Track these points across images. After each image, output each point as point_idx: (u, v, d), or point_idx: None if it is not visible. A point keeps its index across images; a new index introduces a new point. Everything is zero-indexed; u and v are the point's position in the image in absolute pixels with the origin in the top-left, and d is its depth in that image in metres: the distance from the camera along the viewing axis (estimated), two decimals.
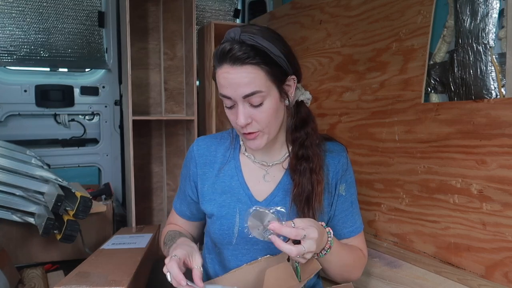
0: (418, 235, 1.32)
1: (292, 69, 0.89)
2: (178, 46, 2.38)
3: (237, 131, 0.91)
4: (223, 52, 0.82)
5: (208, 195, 0.99)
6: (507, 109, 1.07)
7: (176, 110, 2.40)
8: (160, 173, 2.44)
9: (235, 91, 0.82)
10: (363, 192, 1.53)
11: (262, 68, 0.82)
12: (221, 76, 0.83)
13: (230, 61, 0.81)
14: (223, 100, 0.87)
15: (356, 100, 1.63)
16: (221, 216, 0.96)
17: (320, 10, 1.88)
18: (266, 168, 0.98)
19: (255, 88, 0.82)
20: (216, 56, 0.84)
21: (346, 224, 0.99)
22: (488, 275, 1.11)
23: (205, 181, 1.00)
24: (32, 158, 1.77)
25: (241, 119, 0.84)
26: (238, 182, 0.97)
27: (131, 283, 1.14)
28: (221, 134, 1.06)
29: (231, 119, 0.89)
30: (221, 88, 0.84)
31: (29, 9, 2.24)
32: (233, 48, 0.80)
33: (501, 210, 1.08)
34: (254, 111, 0.84)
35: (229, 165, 0.99)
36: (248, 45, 0.81)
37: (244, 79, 0.81)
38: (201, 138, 1.05)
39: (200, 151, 1.01)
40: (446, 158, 1.23)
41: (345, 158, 0.99)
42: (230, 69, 0.81)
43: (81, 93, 2.38)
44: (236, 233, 0.94)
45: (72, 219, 1.62)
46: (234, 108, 0.86)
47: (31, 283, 1.59)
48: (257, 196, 0.96)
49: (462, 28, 1.23)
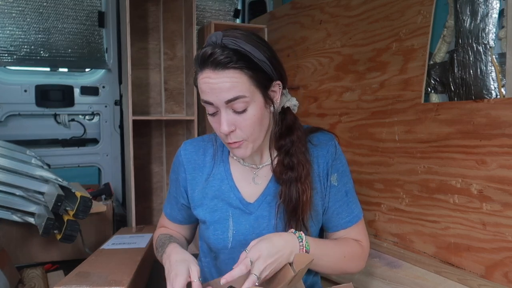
0: (418, 235, 1.32)
1: (277, 75, 0.86)
2: (178, 46, 2.38)
3: (222, 140, 0.88)
4: (204, 56, 0.79)
5: (198, 200, 0.97)
6: (507, 109, 1.07)
7: (176, 110, 2.40)
8: (160, 173, 2.44)
9: (217, 96, 0.79)
10: (363, 192, 1.53)
11: (245, 73, 0.79)
12: (202, 81, 0.80)
13: (211, 65, 0.78)
14: (205, 107, 0.84)
15: (356, 100, 1.63)
16: (214, 222, 0.94)
17: (320, 10, 1.88)
18: (255, 171, 0.96)
19: (238, 93, 0.79)
20: (197, 61, 0.82)
21: (341, 214, 0.96)
22: (488, 275, 1.11)
23: (195, 187, 0.97)
24: (32, 158, 1.77)
25: (224, 127, 0.81)
26: (228, 186, 0.95)
27: (131, 283, 1.14)
28: (209, 136, 1.03)
29: (214, 127, 0.86)
30: (203, 94, 0.82)
31: (29, 9, 2.24)
32: (214, 53, 0.78)
33: (501, 210, 1.08)
34: (237, 117, 0.81)
35: (218, 168, 0.97)
36: (230, 49, 0.78)
37: (226, 83, 0.78)
38: (188, 142, 1.02)
39: (188, 155, 0.98)
40: (446, 158, 1.23)
41: (333, 147, 0.95)
42: (212, 73, 0.78)
43: (81, 93, 2.38)
44: (231, 237, 0.93)
45: (72, 219, 1.62)
46: (217, 115, 0.83)
47: (31, 283, 1.59)
48: (248, 198, 0.94)
49: (462, 28, 1.23)
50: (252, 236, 0.90)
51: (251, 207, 0.93)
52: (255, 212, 0.93)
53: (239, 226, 0.93)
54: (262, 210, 0.93)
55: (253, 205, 0.93)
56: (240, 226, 0.93)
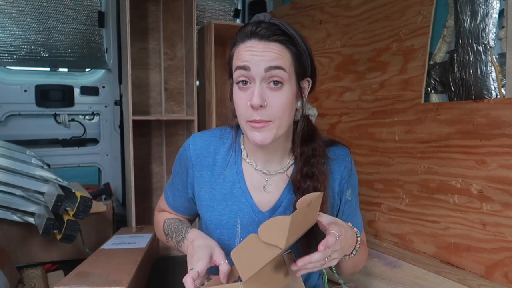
0: (418, 235, 1.32)
1: (310, 70, 0.85)
2: (178, 46, 2.38)
3: (243, 122, 0.81)
4: (251, 29, 0.77)
5: (204, 200, 0.92)
6: (507, 109, 1.07)
7: (176, 110, 2.40)
8: (160, 173, 2.44)
9: (257, 64, 0.76)
10: (363, 192, 1.53)
11: (289, 50, 0.78)
12: (243, 50, 0.78)
13: (257, 36, 0.77)
14: (235, 81, 0.80)
15: (356, 100, 1.63)
16: (220, 226, 0.90)
17: (320, 10, 1.88)
18: (267, 178, 0.91)
19: (280, 64, 0.77)
20: (240, 34, 0.79)
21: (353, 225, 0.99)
22: (488, 275, 1.11)
23: (202, 185, 0.92)
24: (32, 158, 1.77)
25: (256, 99, 0.75)
26: (240, 190, 0.90)
27: (131, 283, 1.14)
28: (221, 131, 0.96)
29: (240, 104, 0.80)
30: (241, 60, 0.77)
31: (29, 9, 2.24)
32: (261, 27, 0.77)
33: (501, 210, 1.08)
34: (270, 94, 0.77)
35: (231, 170, 0.91)
36: (278, 26, 0.78)
37: (271, 52, 0.76)
38: (197, 135, 0.95)
39: (197, 151, 0.92)
40: (446, 158, 1.23)
41: (349, 163, 0.95)
42: (257, 43, 0.77)
43: (81, 93, 2.38)
44: (238, 244, 0.89)
45: (72, 219, 1.62)
46: (248, 89, 0.78)
47: (31, 283, 1.59)
48: (260, 207, 0.90)
49: (462, 28, 1.23)
50: None
51: (262, 216, 0.89)
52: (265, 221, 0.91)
53: (247, 234, 0.89)
54: None
55: (264, 215, 0.89)
56: (248, 234, 0.90)
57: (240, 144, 0.94)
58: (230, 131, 0.95)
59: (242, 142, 0.94)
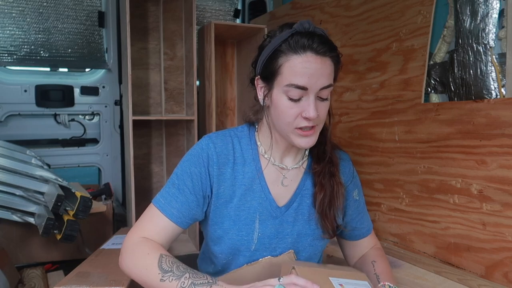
0: (418, 235, 1.32)
1: (337, 76, 0.89)
2: (178, 46, 2.37)
3: (290, 128, 0.84)
4: (307, 42, 0.80)
5: (223, 197, 0.91)
6: (507, 109, 1.07)
7: (176, 110, 2.40)
8: (160, 173, 2.44)
9: (315, 81, 0.80)
10: (363, 192, 1.53)
11: (334, 64, 0.83)
12: (300, 64, 0.80)
13: (313, 51, 0.80)
14: (288, 92, 0.82)
15: (356, 100, 1.63)
16: (239, 221, 0.90)
17: (320, 10, 1.88)
18: (284, 172, 0.95)
19: (331, 81, 0.82)
20: (293, 44, 0.81)
21: (363, 224, 1.04)
22: (488, 275, 1.11)
23: (222, 182, 0.91)
24: (32, 158, 1.77)
25: (313, 112, 0.81)
26: (259, 185, 0.92)
27: (131, 283, 1.14)
28: (233, 131, 0.97)
29: (290, 113, 0.82)
30: (297, 76, 0.80)
31: (29, 9, 2.24)
32: (315, 41, 0.80)
33: (501, 210, 1.08)
34: (319, 105, 0.83)
35: (249, 166, 0.93)
36: (327, 39, 0.83)
37: (326, 70, 0.81)
38: (213, 135, 0.95)
39: (218, 149, 0.92)
40: (446, 158, 1.23)
41: (352, 166, 1.03)
42: (313, 58, 0.80)
43: (81, 93, 2.38)
44: (256, 239, 0.91)
45: (72, 219, 1.62)
46: (301, 101, 0.82)
47: (31, 283, 1.59)
48: (278, 201, 0.93)
49: (462, 28, 1.23)
50: (275, 240, 0.91)
51: (279, 211, 0.92)
52: (281, 216, 0.92)
53: (265, 229, 0.91)
54: (288, 215, 0.92)
55: (280, 209, 0.92)
56: (266, 229, 0.91)
57: (256, 140, 0.96)
58: (242, 130, 0.97)
59: (257, 139, 0.96)
